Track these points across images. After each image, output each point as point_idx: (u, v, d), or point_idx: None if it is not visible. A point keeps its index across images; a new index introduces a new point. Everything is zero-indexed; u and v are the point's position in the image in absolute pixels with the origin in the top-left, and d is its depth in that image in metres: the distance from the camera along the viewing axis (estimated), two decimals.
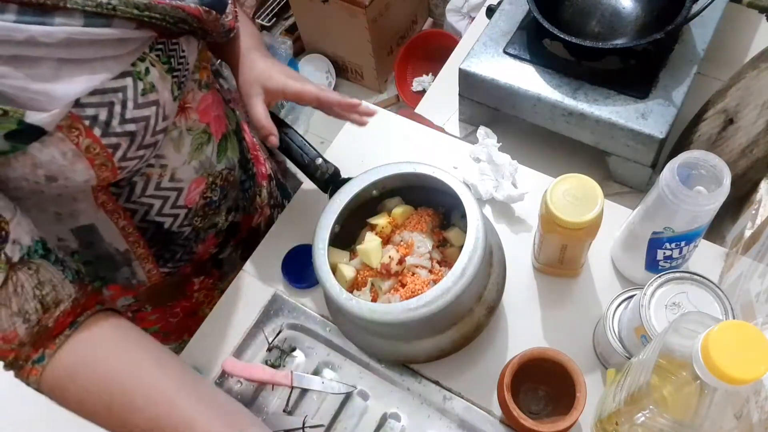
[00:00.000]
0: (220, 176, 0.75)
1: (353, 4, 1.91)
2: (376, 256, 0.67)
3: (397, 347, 0.69)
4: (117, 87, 0.55)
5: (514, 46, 0.98)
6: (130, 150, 0.57)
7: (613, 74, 0.92)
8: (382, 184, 0.69)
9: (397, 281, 0.67)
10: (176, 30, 0.59)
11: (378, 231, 0.70)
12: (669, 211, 0.62)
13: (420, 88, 2.12)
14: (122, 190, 0.64)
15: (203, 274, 0.83)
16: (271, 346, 0.77)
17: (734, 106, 0.88)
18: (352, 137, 0.94)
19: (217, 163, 0.74)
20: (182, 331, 0.88)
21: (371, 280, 0.67)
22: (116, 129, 0.55)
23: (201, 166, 0.71)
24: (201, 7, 0.61)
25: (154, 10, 0.55)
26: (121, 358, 0.56)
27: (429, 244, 0.68)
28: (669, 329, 0.47)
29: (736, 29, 1.09)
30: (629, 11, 0.97)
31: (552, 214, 0.63)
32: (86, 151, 0.54)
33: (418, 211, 0.72)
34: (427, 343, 0.67)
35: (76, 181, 0.56)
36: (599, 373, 0.71)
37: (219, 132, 0.73)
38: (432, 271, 0.67)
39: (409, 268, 0.67)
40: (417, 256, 0.67)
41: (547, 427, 0.60)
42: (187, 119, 0.67)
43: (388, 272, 0.66)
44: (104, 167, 0.56)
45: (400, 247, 0.68)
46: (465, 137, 1.06)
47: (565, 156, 0.99)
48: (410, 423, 0.71)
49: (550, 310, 0.76)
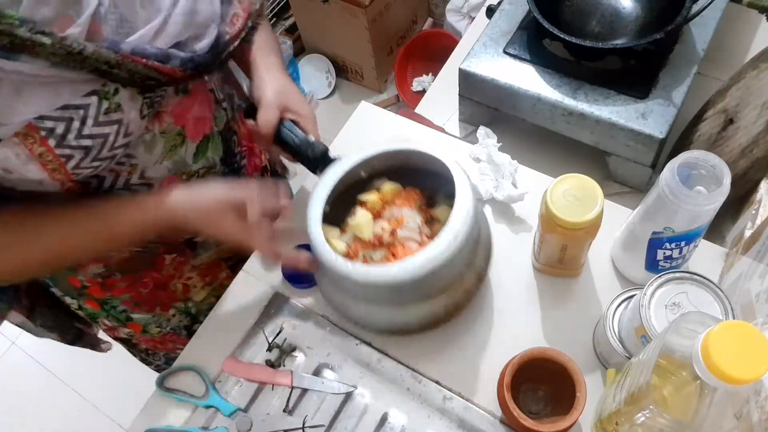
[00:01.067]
0: (197, 174, 0.75)
1: (353, 4, 1.91)
2: (368, 229, 0.68)
3: (391, 315, 0.69)
4: (79, 104, 0.55)
5: (514, 46, 0.98)
6: (83, 161, 0.58)
7: (613, 74, 0.92)
8: (371, 164, 0.70)
9: (389, 252, 0.68)
10: (144, 85, 0.58)
11: (369, 207, 0.71)
12: (669, 211, 0.62)
13: (420, 88, 2.12)
14: (92, 181, 0.64)
15: (175, 253, 0.83)
16: (271, 346, 0.77)
17: (734, 106, 0.88)
18: (352, 137, 0.94)
19: (194, 163, 0.73)
20: (153, 303, 0.88)
21: (363, 252, 0.68)
22: (71, 143, 0.55)
23: (174, 166, 0.71)
24: (178, 69, 0.60)
25: (124, 67, 0.55)
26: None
27: (418, 219, 0.70)
28: (669, 329, 0.47)
29: (736, 29, 1.09)
30: (629, 11, 0.97)
31: (552, 214, 0.63)
32: (39, 157, 0.55)
33: (406, 189, 0.73)
34: (420, 309, 0.68)
35: (30, 178, 0.56)
36: (599, 373, 0.71)
37: (199, 133, 0.73)
38: (422, 243, 0.69)
39: (400, 241, 0.68)
40: (408, 230, 0.68)
41: (547, 427, 0.60)
42: (161, 123, 0.66)
43: (381, 243, 0.68)
44: (56, 172, 0.57)
45: (391, 221, 0.69)
46: (465, 137, 1.06)
47: (565, 156, 0.99)
48: (410, 423, 0.71)
49: (550, 310, 0.76)
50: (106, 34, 0.55)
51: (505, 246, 0.80)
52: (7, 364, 1.90)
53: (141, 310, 0.89)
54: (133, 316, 0.89)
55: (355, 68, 2.23)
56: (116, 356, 1.75)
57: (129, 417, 0.75)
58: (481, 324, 0.76)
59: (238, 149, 0.83)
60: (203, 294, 0.91)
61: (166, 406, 0.75)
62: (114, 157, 0.61)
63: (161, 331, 0.93)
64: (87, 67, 0.53)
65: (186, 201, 0.65)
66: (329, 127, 1.15)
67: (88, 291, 0.82)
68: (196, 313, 0.93)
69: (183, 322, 0.93)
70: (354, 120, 0.96)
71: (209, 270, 0.89)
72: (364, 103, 0.98)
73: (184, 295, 0.90)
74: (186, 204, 0.65)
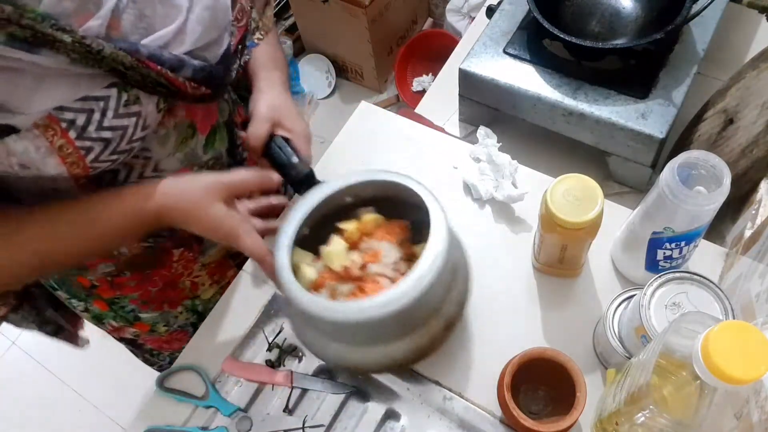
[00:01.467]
0: (206, 165, 0.76)
1: (353, 4, 1.91)
2: (339, 259, 0.65)
3: (348, 353, 0.66)
4: (100, 96, 0.55)
5: (514, 46, 0.98)
6: (103, 154, 0.58)
7: (613, 74, 0.92)
8: (355, 191, 0.67)
9: (357, 287, 0.64)
10: (155, 91, 0.59)
11: (346, 236, 0.67)
12: (669, 211, 0.62)
13: (420, 88, 2.12)
14: (106, 175, 0.64)
15: (183, 247, 0.83)
16: (271, 346, 0.77)
17: (734, 106, 0.88)
18: (352, 138, 0.94)
19: (204, 154, 0.74)
20: (161, 301, 0.88)
21: (330, 283, 0.65)
22: (92, 134, 0.56)
23: (186, 158, 0.71)
24: (189, 83, 0.60)
25: (136, 71, 0.55)
26: None
27: (396, 255, 0.66)
28: (669, 329, 0.47)
29: (736, 29, 1.09)
30: (629, 11, 0.97)
31: (552, 214, 0.63)
32: (59, 149, 0.55)
33: (390, 222, 0.69)
34: (378, 351, 0.64)
35: (48, 173, 0.56)
36: (599, 373, 0.71)
37: (207, 126, 0.74)
38: (394, 281, 0.64)
39: (371, 276, 0.64)
40: (382, 265, 0.65)
41: (547, 427, 0.60)
42: (175, 116, 0.67)
43: (349, 276, 0.64)
44: (75, 165, 0.57)
45: (367, 254, 0.66)
46: (465, 137, 1.06)
47: (565, 156, 0.99)
48: (410, 423, 0.71)
49: (550, 310, 0.76)
50: (123, 29, 0.55)
51: (505, 246, 0.80)
52: (7, 364, 1.90)
53: (149, 309, 0.89)
54: (141, 316, 0.89)
55: (355, 68, 2.23)
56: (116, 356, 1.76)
57: (129, 417, 0.75)
58: (480, 324, 0.76)
59: (240, 142, 0.84)
60: (211, 292, 0.92)
61: (166, 406, 0.75)
62: (131, 150, 0.61)
63: (168, 329, 0.93)
64: (104, 67, 0.53)
65: (173, 188, 0.64)
66: (329, 127, 1.15)
67: (97, 291, 0.83)
68: (203, 310, 0.93)
69: (190, 319, 0.94)
70: (354, 120, 0.96)
71: (217, 268, 0.90)
72: (364, 103, 0.98)
73: (192, 292, 0.90)
74: (174, 192, 0.64)
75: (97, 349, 1.82)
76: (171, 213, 0.64)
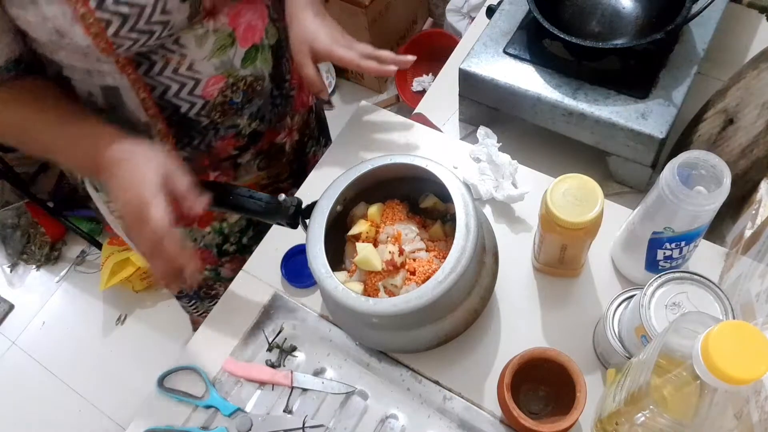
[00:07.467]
0: (244, 81, 0.79)
1: (353, 4, 1.91)
2: (377, 259, 0.66)
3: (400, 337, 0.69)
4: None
5: (514, 46, 0.98)
6: (122, 30, 0.62)
7: (613, 74, 0.92)
8: (343, 196, 0.69)
9: (406, 272, 0.67)
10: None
11: (363, 238, 0.69)
12: (669, 211, 0.62)
13: (420, 88, 2.11)
14: (143, 61, 0.69)
15: (219, 171, 0.88)
16: (271, 346, 0.77)
17: (734, 106, 0.88)
18: (352, 138, 0.94)
19: (241, 68, 0.78)
20: (193, 219, 0.91)
21: (382, 284, 0.67)
22: (110, 6, 0.60)
23: (222, 65, 0.75)
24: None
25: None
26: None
27: (413, 229, 0.70)
28: (669, 329, 0.47)
29: (736, 29, 1.09)
30: (629, 11, 0.97)
31: (552, 214, 0.63)
32: (82, 18, 0.60)
33: (387, 204, 0.72)
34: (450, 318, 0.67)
35: (79, 43, 0.62)
36: (599, 373, 0.71)
37: (249, 41, 0.77)
38: (428, 249, 0.69)
39: (410, 255, 0.68)
40: (411, 243, 0.68)
41: (547, 427, 0.60)
42: (216, 21, 0.71)
43: (395, 267, 0.67)
44: (99, 38, 0.62)
45: (390, 242, 0.68)
46: (465, 137, 1.06)
47: (565, 156, 0.99)
48: (410, 423, 0.71)
49: (550, 310, 0.76)
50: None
51: (505, 246, 0.80)
52: (7, 364, 1.90)
53: (181, 224, 0.88)
54: None
55: None
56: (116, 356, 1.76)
57: (129, 417, 0.75)
58: (481, 324, 0.76)
59: (288, 76, 0.87)
60: (236, 217, 0.97)
61: (165, 406, 0.75)
62: (155, 35, 0.65)
63: (194, 245, 0.96)
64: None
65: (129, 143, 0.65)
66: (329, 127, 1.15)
67: None
68: (228, 233, 0.98)
69: (215, 240, 0.98)
70: (354, 120, 0.96)
71: None
72: (364, 103, 0.98)
73: (221, 215, 0.95)
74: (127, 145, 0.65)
75: (97, 349, 1.83)
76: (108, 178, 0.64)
